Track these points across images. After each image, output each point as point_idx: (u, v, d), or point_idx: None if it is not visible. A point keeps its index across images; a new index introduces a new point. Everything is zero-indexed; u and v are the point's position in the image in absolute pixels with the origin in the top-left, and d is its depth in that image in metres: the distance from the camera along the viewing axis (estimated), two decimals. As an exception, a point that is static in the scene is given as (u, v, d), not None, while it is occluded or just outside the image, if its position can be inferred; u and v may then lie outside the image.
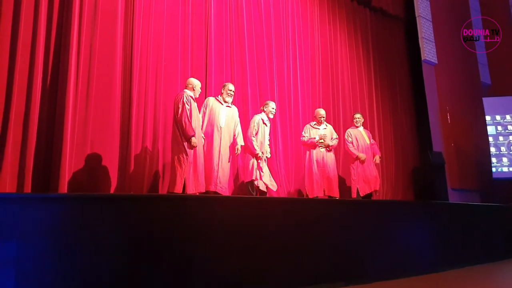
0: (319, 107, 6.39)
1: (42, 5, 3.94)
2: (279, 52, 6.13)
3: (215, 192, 4.14)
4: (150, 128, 4.59)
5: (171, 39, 4.94)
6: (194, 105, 4.07)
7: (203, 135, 4.20)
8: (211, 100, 4.46)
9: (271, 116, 4.88)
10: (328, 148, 5.16)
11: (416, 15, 8.03)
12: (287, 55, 6.22)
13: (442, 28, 8.37)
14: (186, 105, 3.90)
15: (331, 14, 7.03)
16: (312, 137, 5.20)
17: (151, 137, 4.58)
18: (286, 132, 5.93)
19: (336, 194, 5.17)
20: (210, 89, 5.12)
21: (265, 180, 4.60)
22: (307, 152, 5.23)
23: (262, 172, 4.59)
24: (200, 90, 4.26)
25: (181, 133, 3.88)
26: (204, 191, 4.01)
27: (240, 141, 4.46)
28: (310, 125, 5.35)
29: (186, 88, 4.14)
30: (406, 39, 8.36)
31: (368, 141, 5.66)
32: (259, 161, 4.58)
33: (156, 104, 4.68)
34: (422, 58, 7.88)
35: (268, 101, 4.98)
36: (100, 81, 4.23)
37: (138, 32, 4.64)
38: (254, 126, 4.67)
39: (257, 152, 4.57)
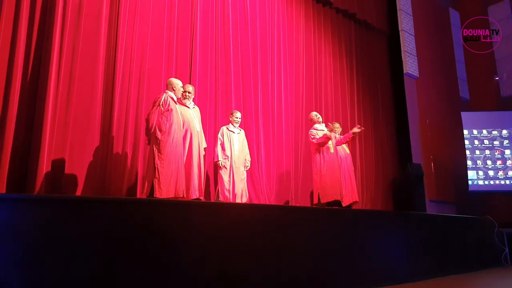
0: (302, 116, 6.43)
1: (24, 3, 3.86)
2: (264, 60, 6.17)
3: (198, 199, 4.10)
4: (131, 131, 4.54)
5: (155, 43, 4.92)
6: (175, 107, 3.99)
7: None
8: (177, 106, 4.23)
9: (236, 125, 4.96)
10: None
11: (400, 29, 8.20)
12: (272, 64, 6.27)
13: (424, 43, 8.58)
14: (161, 107, 3.86)
15: (316, 25, 7.13)
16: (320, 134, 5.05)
17: (132, 141, 4.54)
18: (268, 139, 5.95)
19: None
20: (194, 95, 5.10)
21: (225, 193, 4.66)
22: (317, 156, 5.02)
23: (224, 182, 4.66)
24: (182, 90, 4.20)
25: (146, 131, 3.96)
26: (171, 196, 3.79)
27: (204, 144, 4.51)
28: (314, 127, 5.20)
29: (167, 89, 4.10)
30: (389, 52, 8.53)
31: (348, 151, 5.71)
32: (220, 170, 4.72)
33: (138, 108, 4.63)
34: (404, 71, 8.04)
35: (234, 111, 5.11)
36: (82, 83, 4.17)
37: (122, 35, 4.61)
38: (219, 136, 4.86)
39: (216, 160, 4.77)
